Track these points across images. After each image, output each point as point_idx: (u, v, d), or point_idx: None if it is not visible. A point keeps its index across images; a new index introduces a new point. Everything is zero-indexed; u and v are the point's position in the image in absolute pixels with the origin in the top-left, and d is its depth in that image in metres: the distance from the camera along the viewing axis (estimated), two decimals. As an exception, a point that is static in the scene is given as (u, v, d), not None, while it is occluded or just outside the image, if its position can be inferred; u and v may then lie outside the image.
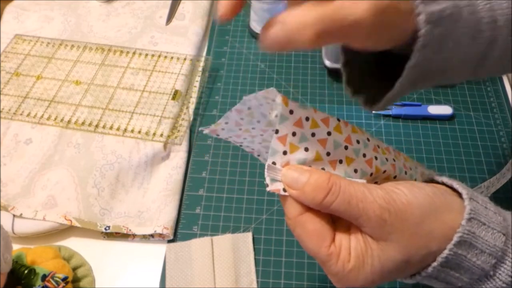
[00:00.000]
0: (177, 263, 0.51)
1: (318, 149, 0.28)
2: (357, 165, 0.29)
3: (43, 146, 0.59)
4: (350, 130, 0.29)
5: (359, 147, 0.29)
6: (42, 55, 0.70)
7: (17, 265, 0.44)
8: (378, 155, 0.30)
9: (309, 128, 0.27)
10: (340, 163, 0.28)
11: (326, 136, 0.28)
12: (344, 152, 0.28)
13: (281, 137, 0.27)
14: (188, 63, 0.68)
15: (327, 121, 0.28)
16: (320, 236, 0.27)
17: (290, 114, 0.27)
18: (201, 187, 0.57)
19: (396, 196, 0.27)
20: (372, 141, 0.30)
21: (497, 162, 0.58)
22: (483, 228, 0.27)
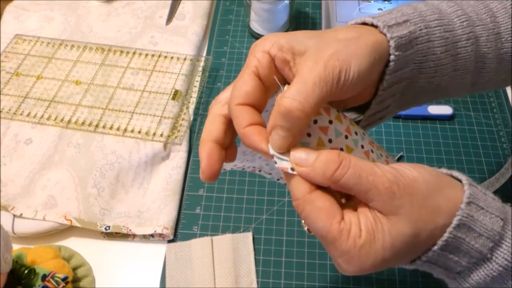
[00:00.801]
0: (177, 263, 0.51)
1: (320, 135, 0.28)
2: (356, 155, 0.29)
3: (43, 146, 0.59)
4: (349, 122, 0.30)
5: (357, 138, 0.30)
6: (42, 55, 0.70)
7: (17, 265, 0.44)
8: (373, 149, 0.31)
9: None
10: (341, 150, 0.29)
11: (327, 124, 0.29)
12: (345, 141, 0.29)
13: None
14: (188, 63, 0.68)
15: (328, 110, 0.29)
16: (330, 212, 0.26)
17: None
18: (201, 187, 0.57)
19: (402, 172, 0.27)
20: (367, 137, 0.31)
21: (497, 162, 0.58)
22: (482, 212, 0.27)
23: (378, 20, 0.30)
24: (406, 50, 0.30)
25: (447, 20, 0.32)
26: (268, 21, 0.69)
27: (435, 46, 0.32)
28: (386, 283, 0.49)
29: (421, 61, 0.32)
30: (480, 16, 0.34)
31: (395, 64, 0.30)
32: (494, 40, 0.34)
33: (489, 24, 0.34)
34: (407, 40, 0.30)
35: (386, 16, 0.31)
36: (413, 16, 0.31)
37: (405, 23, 0.30)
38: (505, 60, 0.35)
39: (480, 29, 0.34)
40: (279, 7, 0.68)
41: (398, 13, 0.31)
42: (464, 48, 0.33)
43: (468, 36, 0.33)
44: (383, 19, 0.30)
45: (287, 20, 0.71)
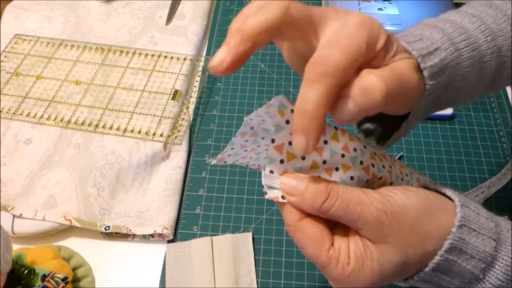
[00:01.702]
0: (177, 263, 0.51)
1: (315, 157, 0.28)
2: (353, 172, 0.29)
3: (43, 146, 0.59)
4: (348, 138, 0.30)
5: (356, 155, 0.29)
6: (42, 55, 0.70)
7: (17, 265, 0.44)
8: (375, 162, 0.31)
9: None
10: (336, 170, 0.29)
11: (322, 144, 0.28)
12: (341, 160, 0.29)
13: (277, 146, 0.27)
14: (188, 63, 0.68)
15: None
16: (320, 240, 0.27)
17: (286, 124, 0.27)
18: (201, 187, 0.57)
19: (391, 199, 0.27)
20: (369, 149, 0.31)
21: (497, 162, 0.58)
22: (474, 234, 0.27)
23: (412, 48, 0.30)
24: (438, 77, 0.31)
25: (473, 38, 0.33)
26: (268, 21, 0.69)
27: (463, 67, 0.32)
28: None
29: (448, 82, 0.32)
30: (501, 26, 0.34)
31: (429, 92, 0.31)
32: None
33: (509, 33, 0.34)
34: (438, 68, 0.30)
35: (418, 44, 0.30)
36: (442, 42, 0.31)
37: (435, 51, 0.31)
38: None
39: (502, 39, 0.34)
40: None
41: (429, 41, 0.31)
42: (488, 62, 0.33)
43: (493, 50, 0.33)
44: (417, 47, 0.30)
45: (287, 20, 0.71)
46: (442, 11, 0.67)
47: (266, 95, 0.66)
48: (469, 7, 0.36)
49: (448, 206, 0.28)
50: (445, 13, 0.36)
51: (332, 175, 0.29)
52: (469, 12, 0.35)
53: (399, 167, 0.33)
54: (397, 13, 0.63)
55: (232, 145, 0.32)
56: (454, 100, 0.35)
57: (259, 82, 0.68)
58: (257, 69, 0.69)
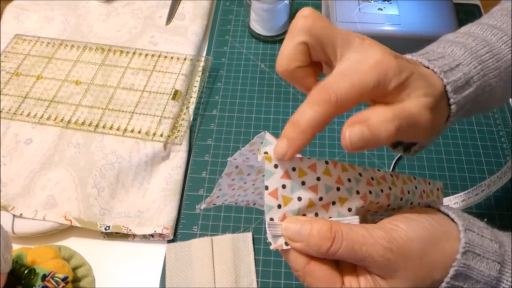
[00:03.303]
0: (177, 263, 0.51)
1: (311, 196, 0.28)
2: (351, 204, 0.29)
3: (43, 146, 0.59)
4: (340, 170, 0.30)
5: (351, 186, 0.29)
6: (42, 55, 0.70)
7: (17, 265, 0.44)
8: (372, 188, 0.30)
9: (298, 177, 0.28)
10: (333, 204, 0.29)
11: (316, 182, 0.28)
12: (337, 194, 0.29)
13: (272, 192, 0.27)
14: (188, 63, 0.68)
15: (314, 167, 0.29)
16: (330, 280, 0.27)
17: (275, 168, 0.27)
18: (201, 187, 0.57)
19: (396, 234, 0.27)
20: (364, 175, 0.31)
21: (497, 162, 0.58)
22: (478, 259, 0.28)
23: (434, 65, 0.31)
24: (464, 91, 0.32)
25: (496, 49, 0.34)
26: (268, 21, 0.69)
27: (490, 78, 0.33)
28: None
29: (478, 94, 0.33)
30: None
31: (456, 106, 0.31)
32: None
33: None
34: (463, 82, 0.31)
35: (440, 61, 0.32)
36: (465, 58, 0.32)
37: (457, 67, 0.32)
38: None
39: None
40: (279, 7, 0.68)
41: (450, 58, 0.32)
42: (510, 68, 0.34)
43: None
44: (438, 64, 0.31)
45: (287, 20, 0.71)
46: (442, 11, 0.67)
47: (266, 95, 0.66)
48: (490, 18, 0.36)
49: (451, 232, 0.29)
50: (465, 26, 0.37)
51: (329, 210, 0.29)
52: (490, 23, 0.35)
53: (401, 184, 0.33)
54: (397, 13, 0.63)
55: (219, 186, 0.32)
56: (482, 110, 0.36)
57: (259, 82, 0.68)
58: (257, 69, 0.69)
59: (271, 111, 0.64)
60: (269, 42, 0.72)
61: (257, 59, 0.71)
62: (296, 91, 0.66)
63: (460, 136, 0.61)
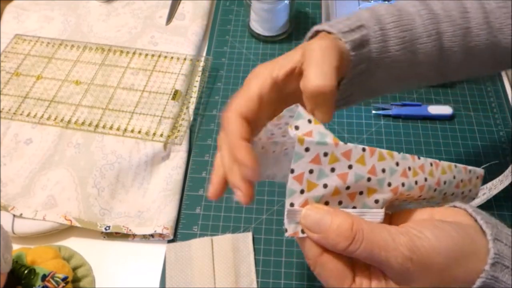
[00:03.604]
0: (177, 263, 0.51)
1: (338, 184, 0.27)
2: (379, 195, 0.28)
3: (43, 146, 0.59)
4: (376, 159, 0.28)
5: (384, 177, 0.28)
6: (42, 55, 0.70)
7: (17, 265, 0.44)
8: (406, 180, 0.29)
9: (328, 163, 0.27)
10: (360, 194, 0.28)
11: (347, 170, 0.27)
12: (366, 184, 0.28)
13: (297, 176, 0.26)
14: (188, 63, 0.68)
15: (349, 153, 0.27)
16: (341, 275, 0.27)
17: (305, 151, 0.26)
18: (201, 187, 0.57)
19: (419, 243, 0.26)
20: (402, 164, 0.29)
21: (497, 162, 0.58)
22: (507, 271, 0.27)
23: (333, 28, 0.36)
24: (360, 49, 0.35)
25: (406, 20, 0.37)
26: (268, 21, 0.69)
27: (390, 45, 0.36)
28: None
29: (377, 58, 0.36)
30: (449, 13, 0.37)
31: (352, 62, 0.35)
32: (462, 34, 0.37)
33: (458, 20, 0.37)
34: (359, 42, 0.35)
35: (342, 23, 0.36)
36: (368, 20, 0.36)
37: (358, 29, 0.36)
38: (476, 53, 0.38)
39: (446, 25, 0.37)
40: (279, 7, 0.68)
41: (354, 19, 0.36)
42: (424, 44, 0.37)
43: (429, 33, 0.37)
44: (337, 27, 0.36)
45: (287, 20, 0.71)
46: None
47: (266, 95, 0.66)
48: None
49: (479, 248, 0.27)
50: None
51: (355, 200, 0.28)
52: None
53: (439, 174, 0.31)
54: (397, 13, 0.64)
55: None
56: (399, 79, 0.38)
57: (259, 82, 0.68)
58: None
59: (271, 111, 0.64)
60: (269, 42, 0.72)
61: (257, 59, 0.71)
62: (296, 91, 0.66)
63: (460, 136, 0.61)
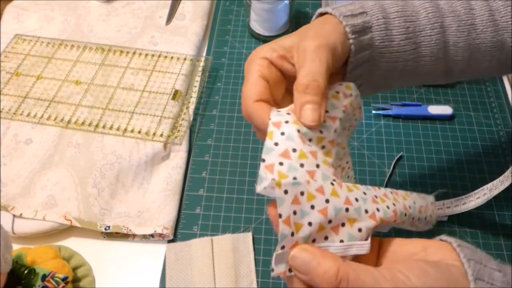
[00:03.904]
0: (177, 263, 0.51)
1: (320, 220, 0.28)
2: (360, 224, 0.29)
3: (43, 146, 0.59)
4: (346, 191, 0.29)
5: (359, 205, 0.29)
6: (42, 55, 0.70)
7: (17, 265, 0.44)
8: (379, 205, 0.30)
9: (306, 201, 0.28)
10: (342, 226, 0.29)
11: (325, 204, 0.28)
12: (345, 215, 0.29)
13: (285, 220, 0.27)
14: (188, 63, 0.68)
15: (322, 189, 0.29)
16: None
17: (285, 194, 0.27)
18: (201, 187, 0.57)
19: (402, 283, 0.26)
20: (368, 194, 0.31)
21: (497, 162, 0.58)
22: None
23: (335, 11, 0.35)
24: (361, 36, 0.35)
25: (410, 11, 0.36)
26: (268, 21, 0.69)
27: (394, 34, 0.36)
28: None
29: (380, 46, 0.36)
30: (454, 8, 0.37)
31: (354, 47, 0.35)
32: (467, 30, 0.37)
33: (462, 16, 0.37)
34: (360, 28, 0.35)
35: (345, 7, 0.36)
36: (371, 8, 0.36)
37: (361, 15, 0.35)
38: (481, 50, 0.38)
39: (450, 20, 0.37)
40: (279, 7, 0.68)
41: (358, 6, 0.36)
42: (428, 37, 0.36)
43: (433, 26, 0.36)
44: (341, 10, 0.35)
45: (287, 20, 0.71)
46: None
47: (266, 95, 0.66)
48: None
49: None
50: None
51: (339, 233, 0.29)
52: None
53: (402, 200, 0.33)
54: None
55: None
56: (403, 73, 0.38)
57: (259, 82, 0.68)
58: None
59: (271, 111, 0.64)
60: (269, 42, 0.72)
61: (257, 59, 0.70)
62: (296, 91, 0.66)
63: (460, 136, 0.61)
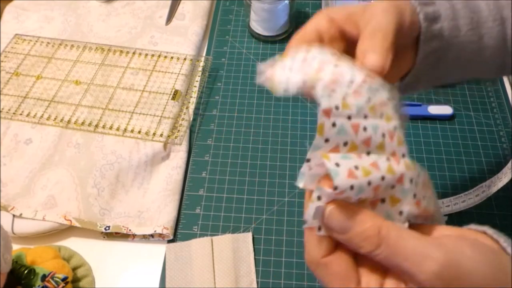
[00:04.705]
0: (177, 263, 0.51)
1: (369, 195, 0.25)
2: (403, 207, 0.26)
3: (43, 146, 0.59)
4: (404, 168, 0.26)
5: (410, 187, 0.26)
6: (42, 55, 0.70)
7: (17, 265, 0.44)
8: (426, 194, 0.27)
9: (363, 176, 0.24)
10: (382, 202, 0.26)
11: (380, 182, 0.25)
12: (389, 191, 0.26)
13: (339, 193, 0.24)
14: (188, 63, 0.68)
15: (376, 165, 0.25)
16: (345, 278, 0.25)
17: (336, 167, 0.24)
18: (201, 187, 0.57)
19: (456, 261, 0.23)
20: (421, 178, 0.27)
21: (497, 162, 0.58)
22: None
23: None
24: (432, 24, 0.34)
25: (473, 2, 0.36)
26: (268, 21, 0.69)
27: (460, 24, 0.35)
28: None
29: (449, 36, 0.35)
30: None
31: (425, 34, 0.34)
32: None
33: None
34: (432, 16, 0.34)
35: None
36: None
37: (432, 4, 0.34)
38: None
39: (507, 11, 0.36)
40: (279, 7, 0.68)
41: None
42: (491, 28, 0.35)
43: (494, 18, 0.35)
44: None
45: (287, 20, 0.71)
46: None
47: (266, 95, 0.66)
48: None
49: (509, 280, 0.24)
50: None
51: (377, 207, 0.26)
52: None
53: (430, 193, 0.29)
54: (397, 13, 0.64)
55: None
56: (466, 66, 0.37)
57: (259, 82, 0.68)
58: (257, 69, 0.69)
59: (271, 111, 0.64)
60: (269, 42, 0.72)
61: (257, 59, 0.71)
62: (296, 91, 0.66)
63: (460, 136, 0.61)
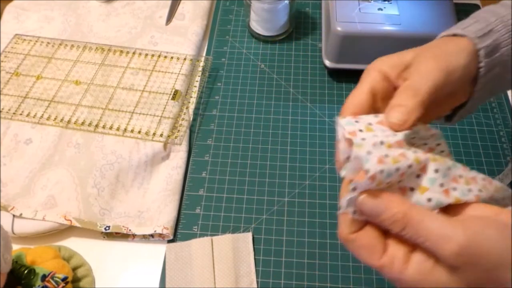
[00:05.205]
0: (177, 263, 0.51)
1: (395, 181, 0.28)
2: (432, 194, 0.28)
3: (43, 146, 0.59)
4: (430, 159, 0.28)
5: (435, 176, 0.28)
6: (42, 55, 0.70)
7: (17, 265, 0.44)
8: (458, 185, 0.29)
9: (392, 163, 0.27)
10: (411, 190, 0.28)
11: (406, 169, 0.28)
12: (415, 180, 0.28)
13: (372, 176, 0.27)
14: (188, 63, 0.68)
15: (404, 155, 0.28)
16: (371, 249, 0.28)
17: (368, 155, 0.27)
18: (201, 187, 0.57)
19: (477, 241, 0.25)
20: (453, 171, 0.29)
21: (497, 162, 0.58)
22: None
23: (467, 31, 0.35)
24: (492, 55, 0.35)
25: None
26: (268, 21, 0.69)
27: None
28: (387, 284, 0.49)
29: (507, 60, 0.36)
30: None
31: (486, 67, 0.34)
32: None
33: None
34: (491, 48, 0.35)
35: (473, 26, 0.35)
36: (496, 24, 0.36)
37: (490, 33, 0.35)
38: None
39: None
40: (279, 7, 0.68)
41: (483, 23, 0.36)
42: None
43: None
44: (471, 29, 0.35)
45: (287, 20, 0.71)
46: (442, 11, 0.67)
47: (266, 95, 0.66)
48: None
49: None
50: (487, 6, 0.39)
51: (406, 195, 0.28)
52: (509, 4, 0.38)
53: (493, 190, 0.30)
54: (397, 13, 0.63)
55: None
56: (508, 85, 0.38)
57: (259, 82, 0.68)
58: (257, 69, 0.69)
59: (271, 111, 0.64)
60: (269, 42, 0.72)
61: (257, 59, 0.71)
62: (297, 91, 0.66)
63: (460, 136, 0.61)
